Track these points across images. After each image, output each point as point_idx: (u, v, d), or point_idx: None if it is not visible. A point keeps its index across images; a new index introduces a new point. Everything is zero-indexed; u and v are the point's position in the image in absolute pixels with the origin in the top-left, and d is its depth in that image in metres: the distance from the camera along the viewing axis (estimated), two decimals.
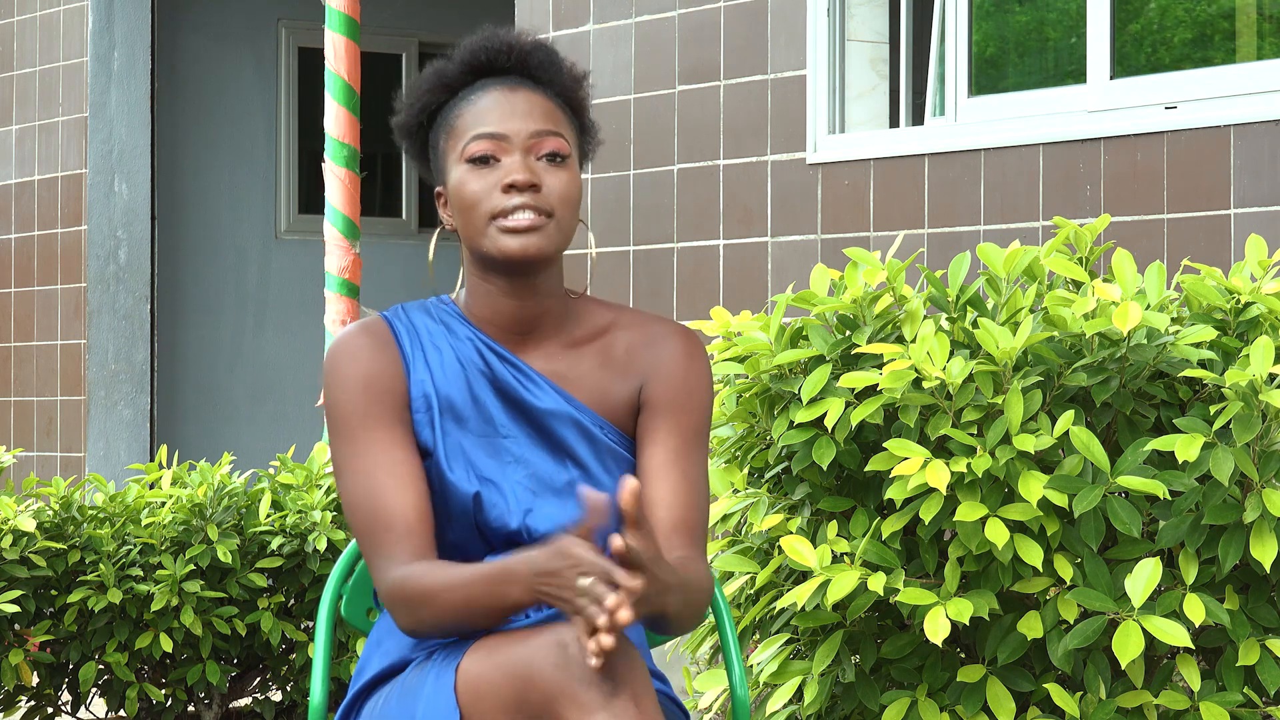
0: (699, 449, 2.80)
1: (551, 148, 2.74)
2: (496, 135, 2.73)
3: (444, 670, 2.62)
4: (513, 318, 2.80)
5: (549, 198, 2.73)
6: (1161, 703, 3.42)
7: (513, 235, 2.72)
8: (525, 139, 2.73)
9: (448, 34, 10.02)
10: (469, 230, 2.75)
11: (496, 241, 2.72)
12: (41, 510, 5.12)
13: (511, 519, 2.76)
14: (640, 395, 2.82)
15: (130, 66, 8.95)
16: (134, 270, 8.96)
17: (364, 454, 2.73)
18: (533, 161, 2.74)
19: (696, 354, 2.83)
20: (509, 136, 2.73)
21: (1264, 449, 3.37)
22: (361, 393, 2.75)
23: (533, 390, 2.78)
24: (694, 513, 2.76)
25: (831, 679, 3.56)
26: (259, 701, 5.40)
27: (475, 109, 2.76)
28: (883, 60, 6.17)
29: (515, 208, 2.72)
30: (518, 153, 2.73)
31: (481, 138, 2.74)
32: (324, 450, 5.35)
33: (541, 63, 2.80)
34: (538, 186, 2.72)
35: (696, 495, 2.77)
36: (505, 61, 2.80)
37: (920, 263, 5.27)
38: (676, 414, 2.80)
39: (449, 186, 2.78)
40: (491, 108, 2.75)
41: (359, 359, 2.77)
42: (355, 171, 6.25)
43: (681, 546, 2.73)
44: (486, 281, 2.79)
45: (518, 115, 2.75)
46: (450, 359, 2.79)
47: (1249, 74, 5.16)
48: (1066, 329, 3.42)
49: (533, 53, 2.80)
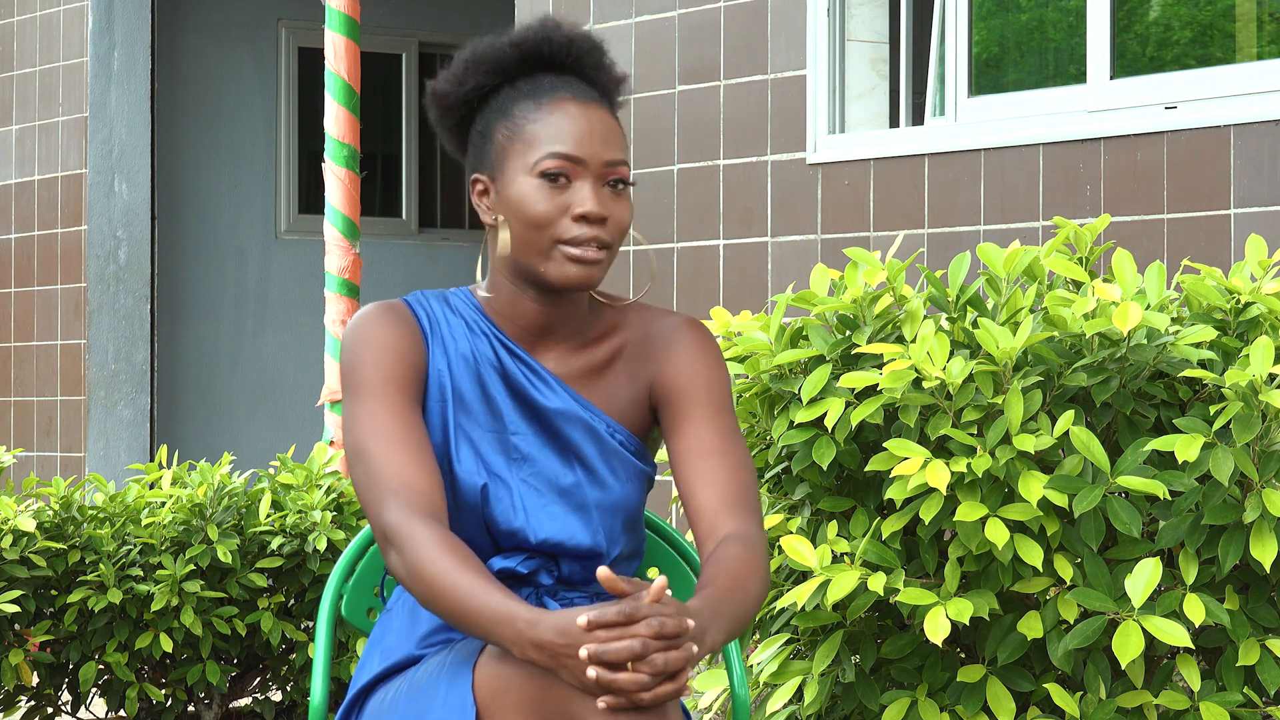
0: (727, 425, 2.79)
1: (619, 175, 2.74)
2: (574, 158, 2.72)
3: (460, 669, 2.61)
4: (535, 321, 2.80)
5: (613, 230, 2.73)
6: (1161, 703, 3.42)
7: (577, 264, 2.71)
8: (600, 166, 2.73)
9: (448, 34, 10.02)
10: (528, 246, 2.73)
11: (561, 267, 2.71)
12: (41, 510, 5.12)
13: (516, 517, 2.75)
14: (652, 393, 2.82)
15: (130, 66, 8.95)
16: (134, 270, 8.96)
17: (382, 410, 2.69)
18: (602, 191, 2.73)
19: (705, 339, 2.84)
20: (586, 160, 2.72)
21: (1264, 449, 3.37)
22: (386, 356, 2.73)
23: (543, 390, 2.79)
24: (736, 486, 2.75)
25: (831, 679, 3.56)
26: (259, 701, 5.40)
27: (550, 119, 2.74)
28: (883, 60, 6.17)
29: (586, 240, 2.71)
30: (590, 179, 2.72)
31: (558, 156, 2.71)
32: (324, 450, 5.35)
33: (596, 64, 2.80)
34: (606, 220, 2.72)
35: (735, 469, 2.76)
36: (564, 58, 2.79)
37: (920, 263, 5.27)
38: (696, 398, 2.80)
39: (508, 193, 2.74)
40: (566, 124, 2.73)
41: (387, 328, 2.75)
42: (355, 171, 6.25)
43: (730, 521, 2.72)
44: (515, 285, 2.79)
45: (595, 139, 2.73)
46: (465, 351, 2.79)
47: (1249, 74, 5.16)
48: (1066, 329, 3.42)
49: (590, 53, 2.80)
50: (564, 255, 2.71)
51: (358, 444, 2.69)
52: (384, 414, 2.69)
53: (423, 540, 2.58)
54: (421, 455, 2.68)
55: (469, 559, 2.58)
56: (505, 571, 2.77)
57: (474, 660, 2.60)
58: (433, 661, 2.69)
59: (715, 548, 2.68)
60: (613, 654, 2.41)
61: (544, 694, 2.50)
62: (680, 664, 2.43)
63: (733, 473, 2.76)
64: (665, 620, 2.42)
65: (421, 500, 2.64)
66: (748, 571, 2.65)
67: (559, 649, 2.44)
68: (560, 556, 2.78)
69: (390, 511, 2.63)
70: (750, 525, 2.72)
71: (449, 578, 2.55)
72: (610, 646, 2.41)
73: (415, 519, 2.61)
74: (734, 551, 2.67)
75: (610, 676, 2.41)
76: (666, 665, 2.42)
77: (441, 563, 2.56)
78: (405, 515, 2.62)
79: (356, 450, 2.69)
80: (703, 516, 2.73)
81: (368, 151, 6.72)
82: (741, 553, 2.67)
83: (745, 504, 2.75)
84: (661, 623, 2.42)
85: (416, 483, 2.65)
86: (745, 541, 2.69)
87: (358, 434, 2.69)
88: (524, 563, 2.78)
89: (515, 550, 2.78)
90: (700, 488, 2.74)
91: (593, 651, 2.41)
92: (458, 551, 2.58)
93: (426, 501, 2.64)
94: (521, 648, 2.48)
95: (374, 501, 2.66)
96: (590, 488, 2.78)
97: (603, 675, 2.41)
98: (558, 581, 2.79)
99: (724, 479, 2.75)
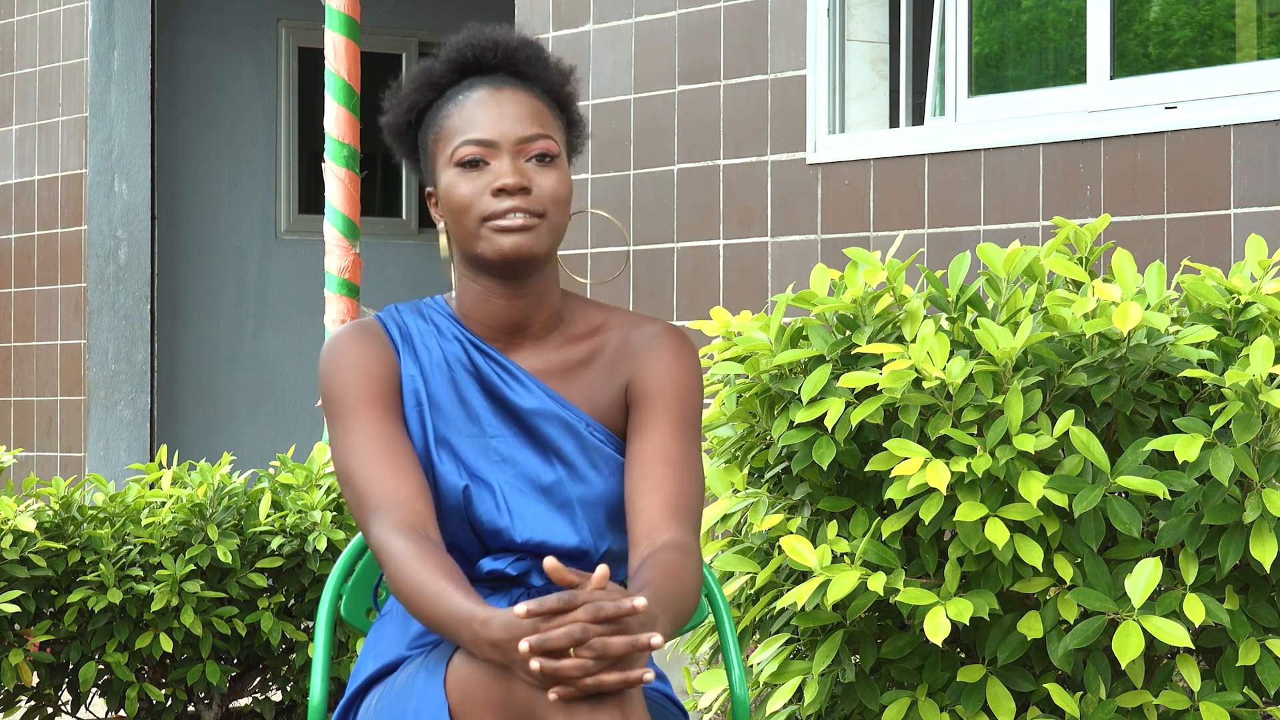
0: (687, 437, 2.80)
1: (540, 150, 2.75)
2: (484, 141, 2.74)
3: (435, 669, 2.63)
4: (503, 318, 2.80)
5: (540, 199, 2.74)
6: (1161, 703, 3.42)
7: (505, 234, 2.73)
8: (513, 143, 2.75)
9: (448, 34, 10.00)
10: (461, 233, 2.76)
11: (491, 241, 2.73)
12: (41, 510, 5.12)
13: (500, 517, 2.76)
14: (628, 394, 2.82)
15: (130, 66, 8.95)
16: (134, 270, 8.96)
17: (359, 431, 2.74)
18: (522, 164, 2.75)
19: (682, 347, 2.84)
20: (497, 142, 2.74)
21: (1264, 449, 3.37)
22: (357, 377, 2.77)
23: (518, 390, 2.79)
24: (683, 497, 2.76)
25: (831, 679, 3.56)
26: (259, 701, 5.40)
27: (463, 112, 2.77)
28: (883, 60, 6.17)
29: (506, 210, 2.73)
30: (506, 156, 2.74)
31: (470, 143, 2.75)
32: (324, 450, 5.35)
33: (528, 59, 2.81)
34: (528, 189, 2.73)
35: (685, 480, 2.77)
36: (492, 59, 2.80)
37: (920, 263, 5.27)
38: (663, 404, 2.80)
39: (439, 189, 2.79)
40: (479, 111, 2.76)
41: (354, 349, 2.79)
42: (355, 171, 6.25)
43: (670, 530, 2.73)
44: (476, 282, 2.80)
45: (506, 118, 2.75)
46: (438, 358, 2.81)
47: (1249, 74, 5.16)
48: (1066, 329, 3.42)
49: (519, 49, 2.81)
50: (490, 230, 2.74)
51: (341, 468, 2.76)
52: (361, 435, 2.75)
53: (399, 554, 2.64)
54: (401, 469, 2.73)
55: (441, 565, 2.63)
56: (495, 573, 2.78)
57: (447, 660, 2.61)
58: (415, 663, 2.71)
59: (652, 552, 2.70)
60: (552, 641, 2.42)
61: (510, 694, 2.52)
62: (623, 649, 2.43)
63: (682, 483, 2.77)
64: (603, 604, 2.43)
65: (402, 513, 2.69)
66: (685, 574, 2.67)
67: (507, 645, 2.46)
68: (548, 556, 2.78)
69: (373, 530, 2.69)
70: (689, 538, 2.74)
71: (421, 586, 2.61)
72: (550, 635, 2.43)
73: (394, 534, 2.67)
74: (672, 556, 2.69)
75: (553, 665, 2.42)
76: (607, 649, 2.43)
77: (416, 573, 2.62)
78: (385, 531, 2.68)
79: (341, 474, 2.77)
80: (643, 519, 2.75)
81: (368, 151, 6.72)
82: (680, 558, 2.69)
83: (688, 516, 2.76)
84: (599, 606, 2.43)
85: (396, 496, 2.71)
86: (683, 550, 2.71)
87: (340, 457, 2.76)
88: (513, 564, 2.78)
89: (504, 551, 2.78)
90: (648, 492, 2.76)
91: (534, 642, 2.43)
92: (430, 560, 2.63)
93: (408, 513, 2.70)
94: (479, 647, 2.51)
95: (361, 522, 2.73)
96: (572, 484, 2.79)
97: (545, 664, 2.42)
98: (550, 583, 2.79)
99: (672, 488, 2.76)
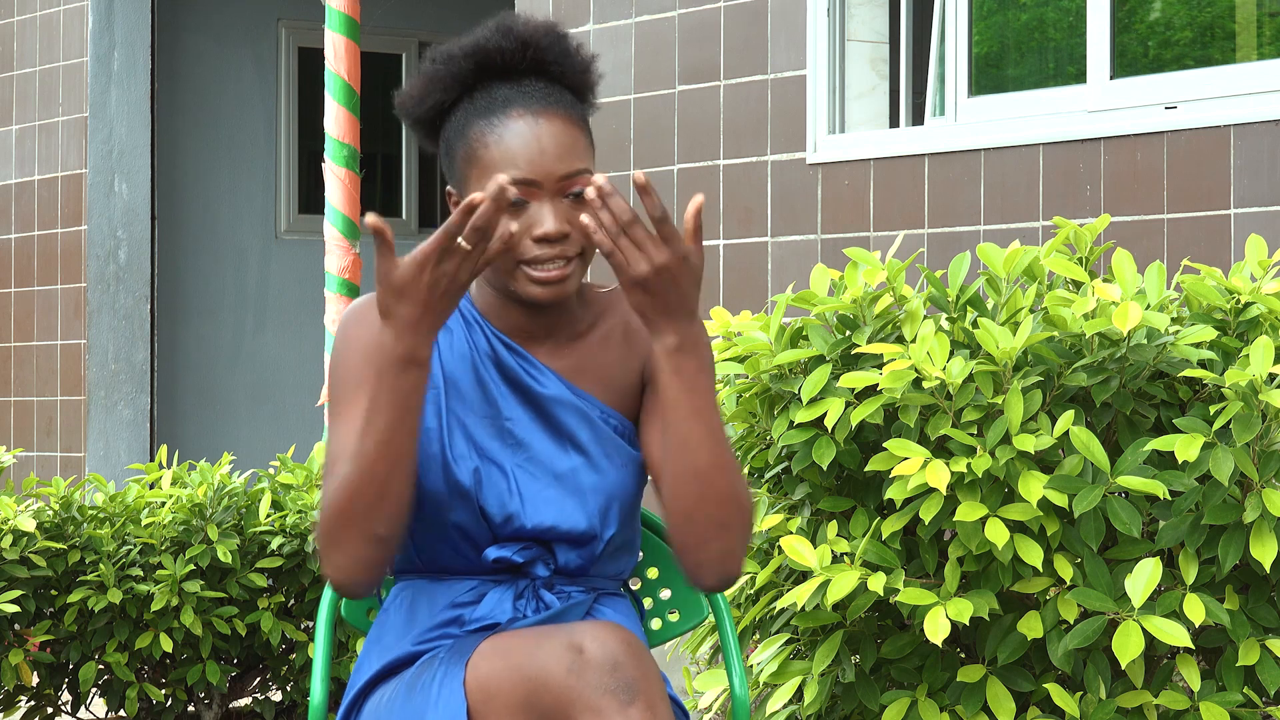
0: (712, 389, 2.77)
1: (580, 185, 2.70)
2: (528, 181, 2.68)
3: (453, 668, 2.61)
4: (522, 325, 2.80)
5: (579, 240, 2.69)
6: (1161, 703, 3.42)
7: (543, 286, 2.69)
8: (555, 183, 2.69)
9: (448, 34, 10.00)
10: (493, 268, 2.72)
11: (526, 287, 2.70)
12: (41, 510, 5.12)
13: (511, 501, 2.75)
14: (645, 370, 2.82)
15: (130, 66, 8.95)
16: (134, 270, 8.96)
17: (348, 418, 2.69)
18: (561, 205, 2.69)
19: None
20: (540, 183, 2.69)
21: (1264, 449, 3.37)
22: (361, 359, 2.73)
23: (538, 378, 2.79)
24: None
25: (831, 679, 3.56)
26: (259, 701, 5.40)
27: (502, 144, 2.71)
28: (883, 60, 6.17)
29: (547, 259, 2.69)
30: (548, 199, 2.69)
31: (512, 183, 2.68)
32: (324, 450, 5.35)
33: (557, 58, 2.78)
34: (569, 235, 2.69)
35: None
36: (519, 63, 2.77)
37: (920, 263, 5.27)
38: None
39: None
40: (517, 144, 2.70)
41: (368, 325, 2.76)
42: (355, 171, 6.25)
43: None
44: (499, 295, 2.79)
45: (547, 156, 2.69)
46: (460, 341, 2.79)
47: (1249, 74, 5.16)
48: (1066, 329, 3.42)
49: (548, 49, 2.77)
50: (527, 276, 2.69)
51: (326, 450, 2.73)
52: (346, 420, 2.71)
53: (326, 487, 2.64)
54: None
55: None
56: (501, 561, 2.77)
57: (466, 659, 2.60)
58: (429, 660, 2.69)
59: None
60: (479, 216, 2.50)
61: (537, 695, 2.50)
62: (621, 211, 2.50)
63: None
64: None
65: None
66: (744, 486, 2.67)
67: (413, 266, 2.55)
68: (556, 542, 2.77)
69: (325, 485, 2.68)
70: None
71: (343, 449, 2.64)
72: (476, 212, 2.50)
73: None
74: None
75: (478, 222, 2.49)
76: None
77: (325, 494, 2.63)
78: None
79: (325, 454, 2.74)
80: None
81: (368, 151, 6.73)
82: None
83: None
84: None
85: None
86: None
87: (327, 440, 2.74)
88: (519, 552, 2.77)
89: (511, 539, 2.77)
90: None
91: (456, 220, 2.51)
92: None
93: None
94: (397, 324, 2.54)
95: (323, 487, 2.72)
96: (587, 472, 2.78)
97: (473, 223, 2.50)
98: (554, 573, 2.79)
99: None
